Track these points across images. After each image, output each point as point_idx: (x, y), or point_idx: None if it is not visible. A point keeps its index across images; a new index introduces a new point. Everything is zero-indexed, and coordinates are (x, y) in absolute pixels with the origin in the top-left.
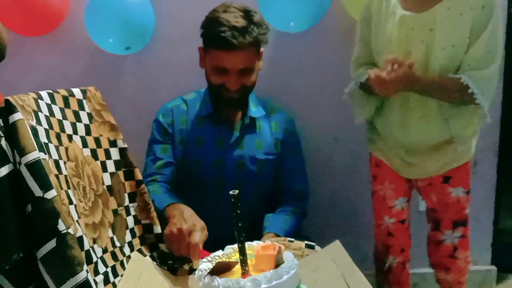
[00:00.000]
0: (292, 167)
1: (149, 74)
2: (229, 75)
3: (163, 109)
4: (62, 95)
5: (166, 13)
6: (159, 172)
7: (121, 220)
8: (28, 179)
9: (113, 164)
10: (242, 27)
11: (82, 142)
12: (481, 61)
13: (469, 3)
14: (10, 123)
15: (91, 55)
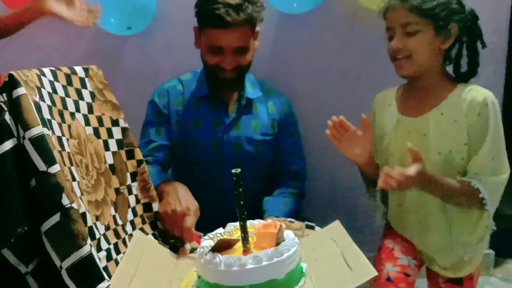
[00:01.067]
0: (289, 147)
1: (150, 55)
2: (224, 54)
3: (159, 89)
4: (65, 73)
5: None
6: (151, 154)
7: (123, 198)
8: (32, 154)
9: (115, 143)
10: (236, 4)
11: (85, 120)
12: (488, 168)
13: (463, 110)
14: (14, 97)
15: (92, 35)
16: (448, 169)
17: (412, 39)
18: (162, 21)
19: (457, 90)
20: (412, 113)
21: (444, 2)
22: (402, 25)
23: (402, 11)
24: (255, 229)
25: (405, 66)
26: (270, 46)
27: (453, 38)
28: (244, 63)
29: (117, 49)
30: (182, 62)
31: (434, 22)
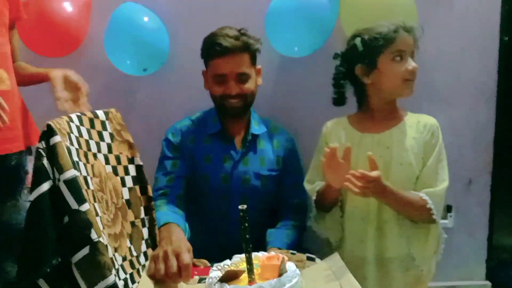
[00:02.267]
0: (292, 182)
1: (161, 94)
2: (228, 81)
3: (172, 129)
4: (89, 117)
5: (180, 37)
6: (170, 185)
7: (138, 231)
8: (66, 194)
9: (131, 180)
10: (233, 35)
11: (105, 159)
12: (433, 180)
13: (420, 129)
14: (51, 144)
15: (108, 75)
16: (408, 179)
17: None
18: (173, 63)
19: (409, 115)
20: (374, 131)
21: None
22: (411, 51)
23: (409, 39)
24: (259, 261)
25: (413, 87)
26: (273, 86)
27: None
28: (247, 91)
29: (131, 88)
30: (191, 102)
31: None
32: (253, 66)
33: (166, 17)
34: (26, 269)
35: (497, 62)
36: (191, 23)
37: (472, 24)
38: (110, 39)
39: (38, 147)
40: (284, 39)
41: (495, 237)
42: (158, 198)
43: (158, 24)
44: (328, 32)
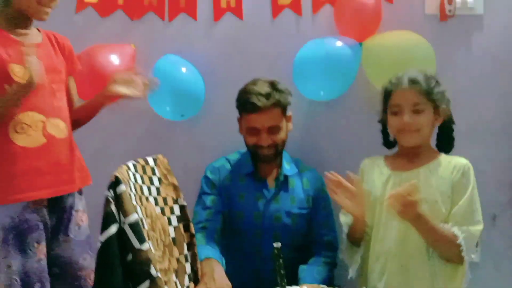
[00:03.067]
0: (322, 220)
1: (197, 138)
2: (260, 134)
3: (211, 167)
4: (141, 165)
5: (215, 86)
6: (209, 219)
7: (181, 266)
8: (130, 235)
9: (176, 219)
10: (266, 93)
11: (155, 201)
12: (466, 218)
13: (449, 169)
14: (118, 193)
15: (148, 119)
16: (433, 217)
17: (420, 117)
18: (208, 110)
19: (442, 156)
20: (402, 169)
21: (441, 91)
22: (412, 104)
23: (412, 93)
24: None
25: (413, 138)
26: (300, 129)
27: (442, 117)
28: (278, 141)
29: (169, 131)
30: (225, 145)
31: (434, 104)
32: (284, 117)
33: (202, 68)
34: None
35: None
36: (225, 73)
37: (490, 66)
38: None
39: (107, 195)
40: (311, 86)
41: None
42: (198, 231)
43: (195, 74)
44: (352, 78)
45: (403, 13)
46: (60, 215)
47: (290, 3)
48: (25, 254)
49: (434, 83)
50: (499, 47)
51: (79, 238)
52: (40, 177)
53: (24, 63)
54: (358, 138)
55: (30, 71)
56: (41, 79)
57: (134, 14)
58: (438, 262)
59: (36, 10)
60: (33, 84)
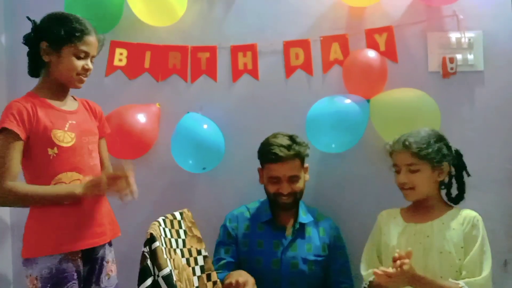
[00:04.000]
0: (339, 268)
1: (218, 188)
2: (281, 182)
3: (230, 215)
4: (169, 219)
5: (234, 140)
6: (221, 269)
7: None
8: (163, 287)
9: (199, 269)
10: (287, 145)
11: (181, 253)
12: (476, 269)
13: (460, 221)
14: (152, 249)
15: (173, 173)
16: (448, 267)
17: (415, 176)
18: (228, 162)
19: (454, 209)
20: (417, 221)
21: (437, 149)
22: (406, 165)
23: (405, 155)
24: None
25: (410, 194)
26: (315, 179)
27: (445, 172)
28: (297, 190)
29: (192, 183)
30: (243, 195)
31: (430, 163)
32: (302, 167)
33: (222, 124)
34: None
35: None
36: (243, 128)
37: (493, 118)
38: (176, 143)
39: (144, 251)
40: (323, 139)
41: None
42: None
43: (215, 130)
44: (361, 132)
45: (408, 72)
46: (92, 265)
47: (302, 64)
48: None
49: (427, 144)
50: (500, 100)
51: (109, 287)
52: (77, 230)
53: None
54: (368, 189)
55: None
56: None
57: (159, 76)
58: None
59: (75, 80)
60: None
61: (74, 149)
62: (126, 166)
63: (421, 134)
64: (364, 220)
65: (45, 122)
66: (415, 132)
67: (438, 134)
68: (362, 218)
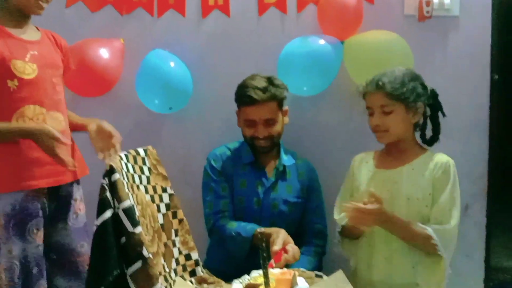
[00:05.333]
0: (314, 208)
1: (185, 130)
2: (257, 126)
3: (213, 155)
4: (133, 155)
5: (202, 79)
6: (226, 209)
7: (169, 251)
8: (124, 219)
9: (164, 206)
10: (263, 87)
11: (145, 189)
12: (444, 217)
13: (431, 167)
14: (112, 181)
15: (138, 113)
16: (415, 214)
17: (388, 117)
18: (196, 101)
19: (427, 153)
20: (387, 167)
21: (411, 88)
22: (380, 106)
23: (378, 96)
24: (274, 275)
25: (384, 137)
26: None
27: (420, 113)
28: (274, 133)
29: (158, 124)
30: (211, 137)
31: (404, 103)
32: (280, 110)
33: (190, 62)
34: (94, 279)
35: (488, 98)
36: (212, 67)
37: (465, 65)
38: (140, 81)
39: (102, 183)
40: (294, 81)
41: (492, 258)
42: (219, 220)
43: (183, 68)
44: (333, 75)
45: (383, 14)
46: (59, 203)
47: (276, 2)
48: (25, 240)
49: (401, 84)
50: (474, 46)
51: (77, 226)
52: (41, 167)
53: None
54: (339, 132)
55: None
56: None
57: (123, 9)
58: (419, 256)
59: (33, 5)
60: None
61: (37, 82)
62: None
63: (395, 73)
64: (335, 165)
65: (3, 52)
66: (389, 71)
67: (413, 73)
68: (333, 163)
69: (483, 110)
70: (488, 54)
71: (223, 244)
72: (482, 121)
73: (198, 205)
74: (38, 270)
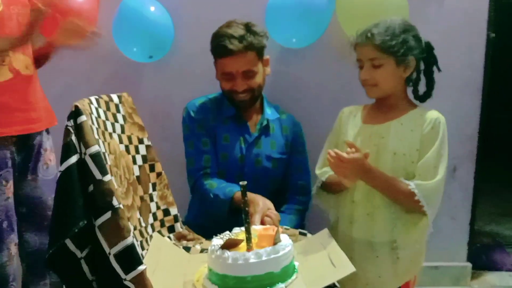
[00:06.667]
0: (297, 164)
1: (165, 80)
2: (235, 78)
3: (192, 106)
4: (105, 100)
5: (184, 26)
6: (209, 165)
7: (146, 205)
8: (91, 166)
9: (141, 158)
10: (239, 35)
11: (119, 139)
12: (429, 173)
13: (420, 122)
14: (78, 123)
15: (114, 61)
16: (401, 170)
17: (378, 71)
18: (178, 50)
19: (417, 109)
20: (374, 122)
21: (402, 41)
22: (369, 59)
23: (368, 48)
24: (257, 231)
25: (373, 91)
26: (272, 75)
27: (412, 67)
28: (253, 85)
29: (137, 74)
30: (194, 88)
31: (394, 57)
32: (259, 60)
33: (171, 7)
34: (57, 230)
35: (483, 57)
36: (195, 13)
37: (461, 21)
38: (118, 27)
39: (67, 125)
40: (283, 31)
41: (477, 222)
42: (201, 177)
43: (163, 14)
44: (324, 25)
45: None
46: (28, 153)
47: None
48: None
49: (391, 36)
50: (471, 2)
51: (47, 177)
52: (9, 113)
53: None
54: (327, 86)
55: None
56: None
57: None
58: (399, 213)
59: None
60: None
61: (2, 18)
62: None
63: (387, 24)
64: (322, 121)
65: None
66: (382, 22)
67: (407, 24)
68: (320, 119)
69: (477, 69)
70: (486, 11)
71: (204, 203)
72: (475, 80)
73: (179, 159)
74: (9, 224)
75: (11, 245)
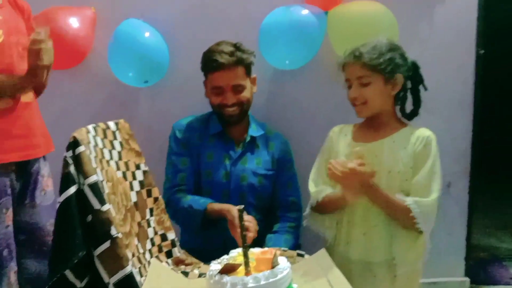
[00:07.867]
0: (286, 181)
1: (161, 104)
2: (225, 92)
3: (179, 125)
4: (102, 128)
5: (179, 51)
6: (183, 183)
7: (143, 231)
8: (90, 196)
9: (138, 184)
10: (228, 51)
11: (116, 165)
12: (423, 191)
13: (412, 141)
14: (77, 154)
15: (111, 85)
16: (396, 187)
17: (366, 89)
18: (173, 74)
19: (407, 127)
20: (366, 140)
21: (389, 59)
22: (357, 78)
23: (356, 67)
24: (255, 255)
25: (362, 110)
26: (266, 97)
27: (399, 84)
28: (243, 99)
29: (133, 98)
30: (189, 111)
31: (382, 74)
32: (248, 76)
33: (166, 32)
34: (57, 261)
35: (473, 73)
36: (189, 38)
37: (450, 39)
38: (113, 52)
39: (66, 156)
40: (276, 53)
41: (473, 236)
42: (175, 193)
43: (158, 39)
44: (317, 47)
45: None
46: (26, 180)
47: None
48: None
49: (378, 54)
50: (461, 20)
51: (45, 203)
52: (10, 140)
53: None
54: (321, 106)
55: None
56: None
57: None
58: (397, 232)
59: None
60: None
61: (2, 48)
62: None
63: (374, 44)
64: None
65: None
66: (369, 42)
67: (393, 44)
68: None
69: (468, 85)
70: (474, 28)
71: (177, 215)
72: (466, 97)
73: None
74: (8, 252)
75: (11, 273)
